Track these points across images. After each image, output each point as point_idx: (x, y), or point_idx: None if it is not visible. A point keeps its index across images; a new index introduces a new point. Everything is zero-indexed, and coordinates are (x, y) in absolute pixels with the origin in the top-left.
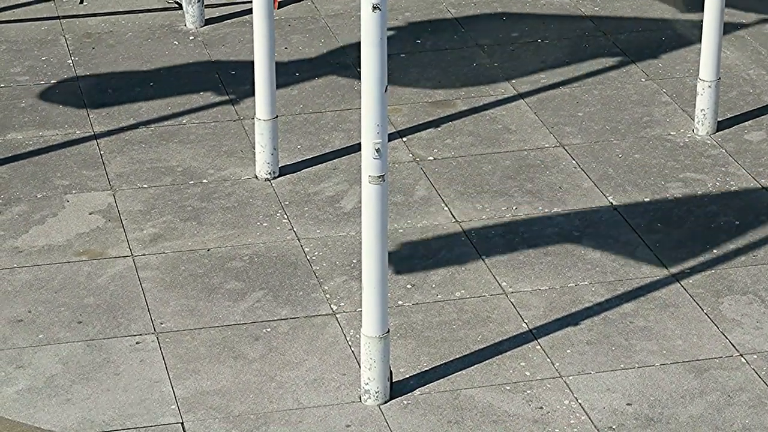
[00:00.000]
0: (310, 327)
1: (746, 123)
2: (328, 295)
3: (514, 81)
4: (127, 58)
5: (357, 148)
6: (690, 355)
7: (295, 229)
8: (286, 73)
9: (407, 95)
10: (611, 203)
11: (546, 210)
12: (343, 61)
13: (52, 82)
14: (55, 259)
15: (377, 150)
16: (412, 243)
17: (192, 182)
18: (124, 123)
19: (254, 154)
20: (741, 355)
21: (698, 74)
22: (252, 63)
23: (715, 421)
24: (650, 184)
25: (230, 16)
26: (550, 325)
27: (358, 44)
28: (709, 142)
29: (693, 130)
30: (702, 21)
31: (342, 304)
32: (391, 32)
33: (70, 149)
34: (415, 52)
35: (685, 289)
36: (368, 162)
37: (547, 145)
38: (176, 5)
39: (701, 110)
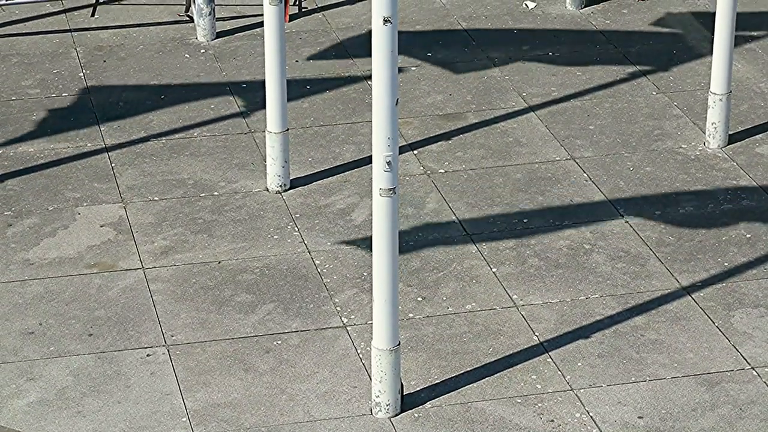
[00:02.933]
0: (321, 339)
1: (757, 136)
2: (338, 308)
3: (525, 94)
4: (139, 71)
5: (368, 160)
6: (701, 368)
7: (305, 242)
8: (297, 86)
9: (418, 108)
10: (622, 216)
11: (557, 223)
12: (354, 74)
13: (64, 95)
14: (66, 271)
15: (388, 163)
16: (422, 255)
17: (203, 195)
18: (135, 136)
19: (265, 166)
20: (752, 368)
21: (709, 87)
22: (263, 76)
23: None
24: (661, 197)
25: (241, 29)
26: (561, 338)
27: (369, 57)
28: (720, 155)
29: (704, 143)
30: (713, 34)
31: (353, 316)
32: (401, 45)
33: (81, 162)
34: (426, 65)
35: (696, 302)
36: (379, 175)
37: (558, 158)
38: (188, 18)
39: (712, 123)
